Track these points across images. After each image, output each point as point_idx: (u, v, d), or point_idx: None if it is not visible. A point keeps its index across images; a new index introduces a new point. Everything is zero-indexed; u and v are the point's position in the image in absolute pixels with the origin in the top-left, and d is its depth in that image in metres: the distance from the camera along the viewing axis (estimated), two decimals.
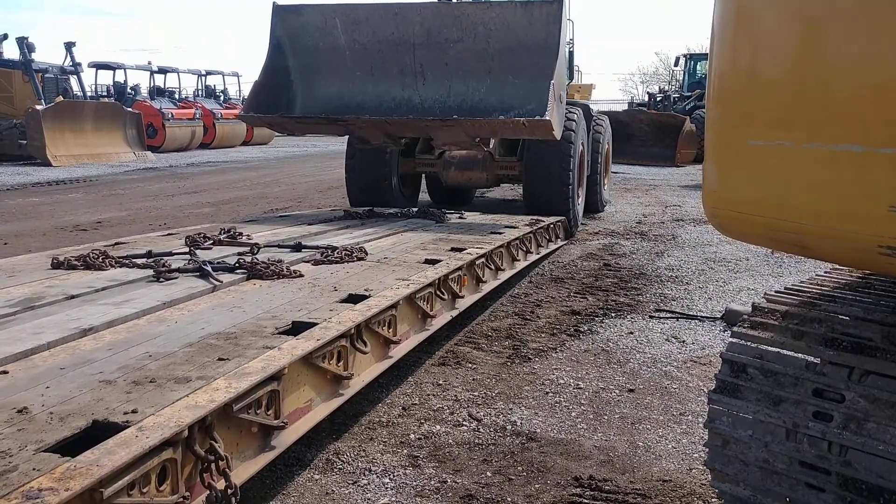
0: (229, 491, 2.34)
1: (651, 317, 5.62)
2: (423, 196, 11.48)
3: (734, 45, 2.13)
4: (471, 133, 7.08)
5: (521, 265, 6.48)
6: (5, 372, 2.62)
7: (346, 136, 9.06)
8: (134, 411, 2.26)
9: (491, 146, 9.23)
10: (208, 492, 2.31)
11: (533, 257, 6.95)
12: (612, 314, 5.66)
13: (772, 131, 1.95)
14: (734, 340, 2.58)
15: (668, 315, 5.67)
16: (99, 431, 2.14)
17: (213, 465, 2.32)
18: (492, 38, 7.46)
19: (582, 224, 9.90)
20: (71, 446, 2.05)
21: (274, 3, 7.89)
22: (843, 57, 1.77)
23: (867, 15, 1.71)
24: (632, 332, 5.18)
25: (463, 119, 6.75)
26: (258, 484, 2.95)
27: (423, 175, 10.73)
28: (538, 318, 5.50)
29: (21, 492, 1.76)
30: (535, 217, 7.86)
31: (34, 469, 1.88)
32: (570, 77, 11.97)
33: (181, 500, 2.20)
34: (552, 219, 8.09)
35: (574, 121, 8.95)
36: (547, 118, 6.32)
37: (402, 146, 8.29)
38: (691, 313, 5.71)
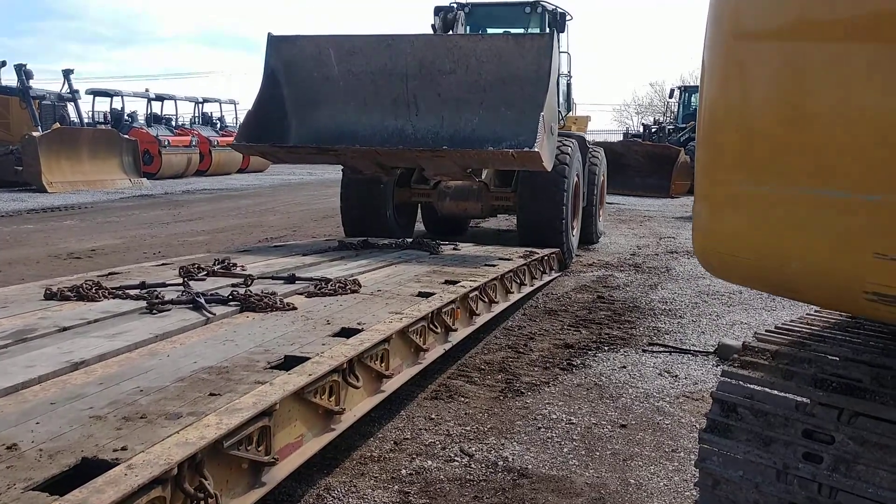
0: None
1: (644, 351, 5.62)
2: (419, 226, 11.52)
3: (723, 89, 2.16)
4: (461, 164, 7.11)
5: (514, 297, 6.48)
6: None
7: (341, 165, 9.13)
8: (124, 448, 2.25)
9: (484, 176, 9.31)
10: None
11: (527, 289, 6.96)
12: (605, 348, 5.66)
13: (760, 176, 1.97)
14: (724, 379, 2.59)
15: (661, 349, 5.68)
16: (88, 469, 2.13)
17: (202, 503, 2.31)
18: (484, 70, 7.52)
19: (576, 255, 9.94)
20: (60, 484, 2.04)
21: (269, 33, 7.98)
22: (829, 104, 1.80)
23: (853, 65, 1.75)
24: (624, 367, 5.18)
25: (452, 150, 6.85)
26: None
27: (419, 204, 10.80)
28: (531, 352, 5.50)
29: None
30: (529, 249, 7.90)
31: None
32: (568, 109, 12.02)
33: None
34: (546, 251, 8.11)
35: (568, 154, 9.01)
36: (536, 150, 6.33)
37: (395, 176, 8.37)
38: (684, 347, 5.72)
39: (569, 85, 11.79)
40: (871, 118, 1.67)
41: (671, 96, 29.64)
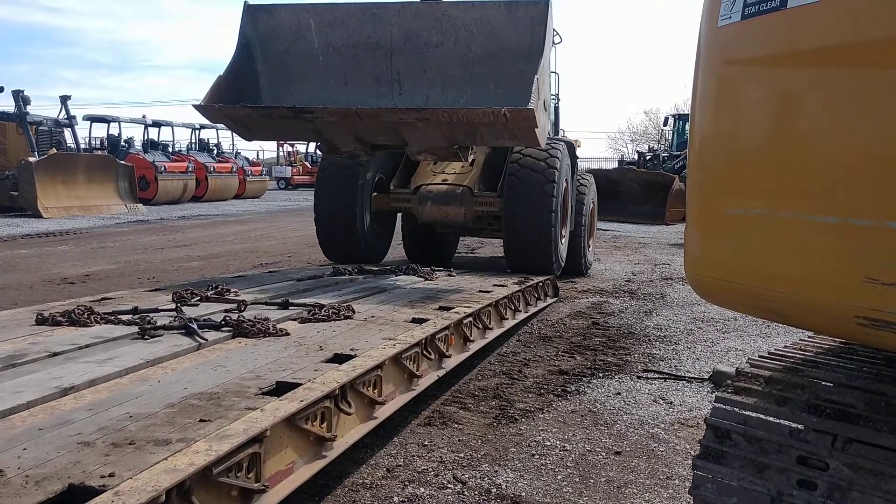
0: None
1: (639, 377, 5.60)
2: (399, 246, 11.19)
3: (714, 115, 2.18)
4: (448, 133, 6.21)
5: (509, 324, 6.47)
6: None
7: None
8: (111, 475, 2.23)
9: (471, 162, 8.30)
10: None
11: (522, 316, 6.96)
12: (600, 374, 5.64)
13: (751, 200, 1.98)
14: (718, 405, 2.57)
15: (656, 376, 5.66)
16: (75, 496, 2.11)
17: None
18: (473, 43, 6.87)
19: (570, 282, 9.93)
20: None
21: (245, 2, 7.16)
22: (819, 129, 1.81)
23: (843, 90, 1.76)
24: (619, 393, 5.15)
25: (438, 109, 6.09)
26: None
27: (397, 217, 10.33)
28: (525, 378, 5.48)
29: None
30: (524, 276, 7.92)
31: None
32: (556, 132, 11.57)
33: None
34: (541, 277, 8.13)
35: (557, 157, 8.72)
36: (530, 107, 5.66)
37: (372, 153, 7.09)
38: (679, 374, 5.70)
39: (556, 108, 11.40)
40: (859, 143, 1.68)
41: (665, 124, 29.91)
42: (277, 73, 7.12)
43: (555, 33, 10.57)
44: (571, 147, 10.11)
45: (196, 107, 6.23)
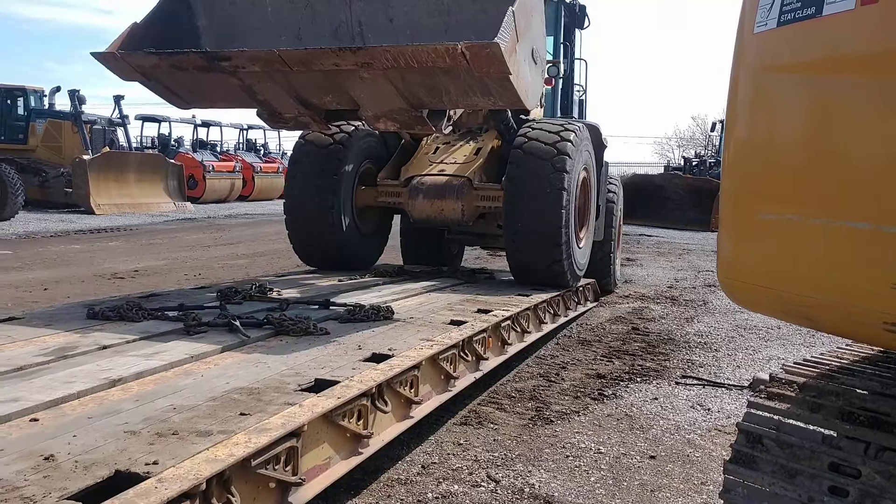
0: None
1: (677, 383, 5.58)
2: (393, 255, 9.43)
3: (749, 121, 2.19)
4: (404, 90, 4.84)
5: (547, 328, 6.48)
6: (36, 420, 2.71)
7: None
8: (155, 462, 2.32)
9: (446, 128, 5.86)
10: None
11: (561, 320, 6.95)
12: (638, 379, 5.63)
13: (783, 205, 1.99)
14: (751, 410, 2.58)
15: (695, 382, 5.63)
16: (120, 481, 2.20)
17: None
18: None
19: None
20: (93, 495, 2.11)
21: None
22: (851, 136, 1.82)
23: (875, 97, 1.77)
24: (656, 398, 5.15)
25: (378, 48, 4.60)
26: None
27: (391, 217, 8.55)
28: (563, 381, 5.50)
29: None
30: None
31: None
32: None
33: None
34: (582, 281, 8.10)
35: (569, 141, 6.90)
36: (496, 41, 4.18)
37: (324, 122, 5.69)
38: (718, 381, 5.67)
39: (581, 101, 9.98)
40: (890, 150, 1.69)
41: (713, 129, 29.56)
42: (221, 29, 5.94)
43: (585, 14, 9.36)
44: (596, 132, 8.33)
45: (94, 54, 5.08)
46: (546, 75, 7.86)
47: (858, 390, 2.52)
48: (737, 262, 2.17)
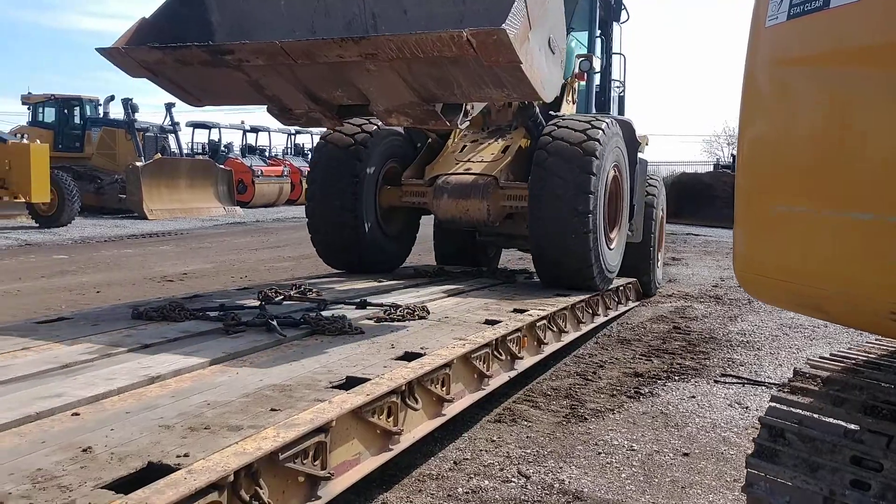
0: None
1: (716, 381, 5.54)
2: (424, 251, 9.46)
3: (761, 114, 2.20)
4: (412, 82, 4.72)
5: (586, 328, 6.46)
6: (77, 414, 2.83)
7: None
8: (186, 455, 2.41)
9: (462, 123, 5.32)
10: None
11: (600, 320, 6.94)
12: (676, 377, 5.60)
13: (794, 198, 2.00)
14: (773, 405, 2.58)
15: (734, 380, 5.58)
16: (152, 472, 2.29)
17: None
18: None
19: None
20: (126, 485, 2.20)
21: None
22: (857, 127, 1.82)
23: (881, 88, 1.77)
24: (694, 396, 5.12)
25: (382, 37, 4.46)
26: None
27: (419, 217, 8.37)
28: (599, 379, 5.50)
29: None
30: None
31: (89, 503, 2.03)
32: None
33: None
34: (622, 281, 8.06)
35: (596, 140, 6.59)
36: (503, 28, 3.98)
37: (337, 118, 5.47)
38: (759, 379, 5.61)
39: (621, 97, 9.68)
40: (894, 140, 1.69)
41: None
42: (234, 25, 5.84)
43: (622, 7, 9.17)
44: (628, 128, 8.02)
45: (99, 50, 5.00)
46: (578, 70, 7.83)
47: (883, 384, 2.50)
48: (751, 255, 2.18)
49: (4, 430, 2.61)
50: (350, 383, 3.39)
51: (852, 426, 2.36)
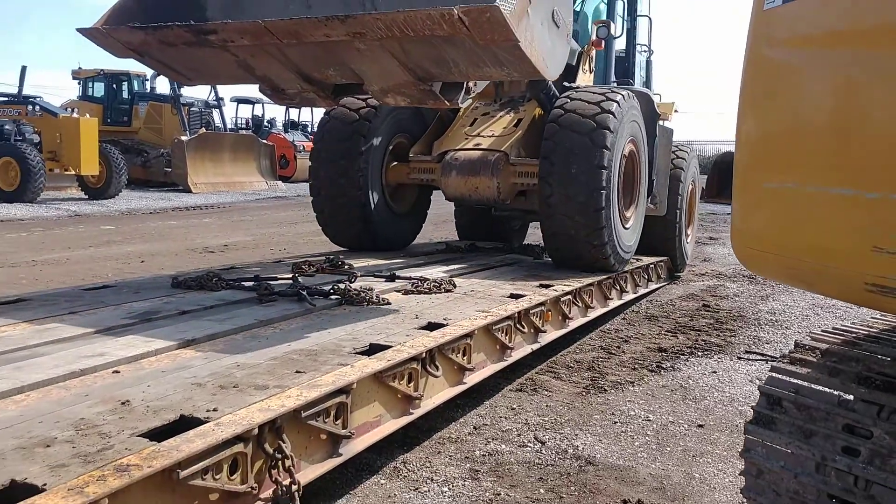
0: (293, 487, 2.65)
1: (739, 358, 5.61)
2: (437, 228, 9.32)
3: (757, 94, 2.29)
4: (406, 61, 4.43)
5: (613, 304, 6.54)
6: (118, 371, 3.04)
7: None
8: (215, 409, 2.60)
9: (464, 101, 5.10)
10: (275, 486, 2.61)
11: (628, 297, 7.02)
12: (699, 353, 5.69)
13: (782, 175, 2.10)
14: (773, 374, 2.69)
15: (758, 357, 5.65)
16: (184, 424, 2.49)
17: (279, 463, 2.63)
18: None
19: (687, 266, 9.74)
20: (159, 434, 2.40)
21: None
22: (839, 106, 1.92)
23: (860, 71, 1.86)
24: (715, 372, 5.20)
25: (368, 15, 4.16)
26: (329, 484, 3.25)
27: (429, 193, 8.12)
28: (623, 353, 5.61)
29: (114, 465, 2.11)
30: (636, 256, 7.74)
31: (126, 449, 2.23)
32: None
33: (250, 489, 2.51)
34: (652, 259, 8.11)
35: (610, 112, 6.27)
36: (496, 5, 3.65)
37: (331, 98, 5.14)
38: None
39: (648, 62, 9.33)
40: (870, 120, 1.79)
41: None
42: (228, 1, 5.45)
43: None
44: (647, 100, 7.70)
45: (80, 30, 4.74)
46: (595, 37, 7.53)
47: (879, 356, 2.59)
48: (745, 229, 2.28)
49: (52, 384, 2.83)
50: (373, 350, 3.56)
51: (846, 396, 2.46)
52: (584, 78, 7.69)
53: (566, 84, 7.16)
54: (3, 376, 2.86)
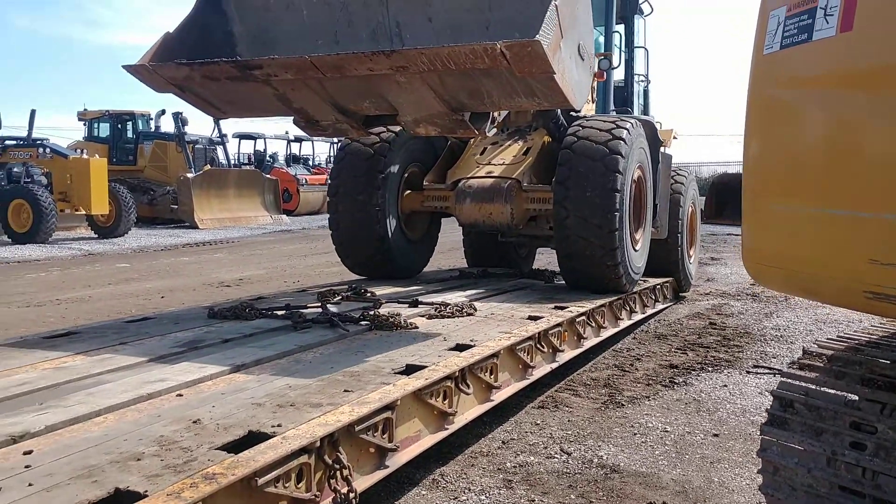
0: (351, 495, 2.90)
1: (748, 372, 5.87)
2: (445, 256, 9.61)
3: (761, 127, 2.59)
4: (443, 93, 4.61)
5: (624, 324, 6.82)
6: (181, 395, 3.30)
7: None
8: (279, 425, 2.86)
9: (490, 130, 5.53)
10: (334, 494, 2.87)
11: (637, 317, 7.28)
12: (710, 368, 5.95)
13: (787, 198, 2.39)
14: (784, 379, 2.95)
15: (766, 371, 5.90)
16: (253, 438, 2.76)
17: (338, 473, 2.88)
18: None
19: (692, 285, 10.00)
20: (234, 447, 2.66)
21: None
22: (834, 138, 2.21)
23: (851, 107, 2.15)
24: (726, 385, 5.46)
25: (413, 50, 4.31)
26: (374, 496, 3.49)
27: (440, 219, 8.36)
28: (636, 370, 5.87)
29: (202, 474, 2.37)
30: (643, 278, 8.03)
31: (209, 460, 2.49)
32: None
33: (313, 497, 2.77)
34: (659, 280, 8.39)
35: (621, 139, 6.59)
36: (537, 39, 3.90)
37: (363, 129, 5.37)
38: None
39: (646, 91, 9.65)
40: (862, 150, 2.08)
41: None
42: (256, 35, 5.69)
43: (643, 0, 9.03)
44: (651, 128, 8.04)
45: (126, 67, 4.91)
46: (597, 68, 7.71)
47: (880, 360, 2.86)
48: (754, 246, 2.57)
49: (125, 407, 3.10)
50: (410, 370, 3.82)
51: (852, 396, 2.73)
52: (587, 108, 8.01)
53: (572, 114, 7.39)
54: (80, 401, 3.13)
